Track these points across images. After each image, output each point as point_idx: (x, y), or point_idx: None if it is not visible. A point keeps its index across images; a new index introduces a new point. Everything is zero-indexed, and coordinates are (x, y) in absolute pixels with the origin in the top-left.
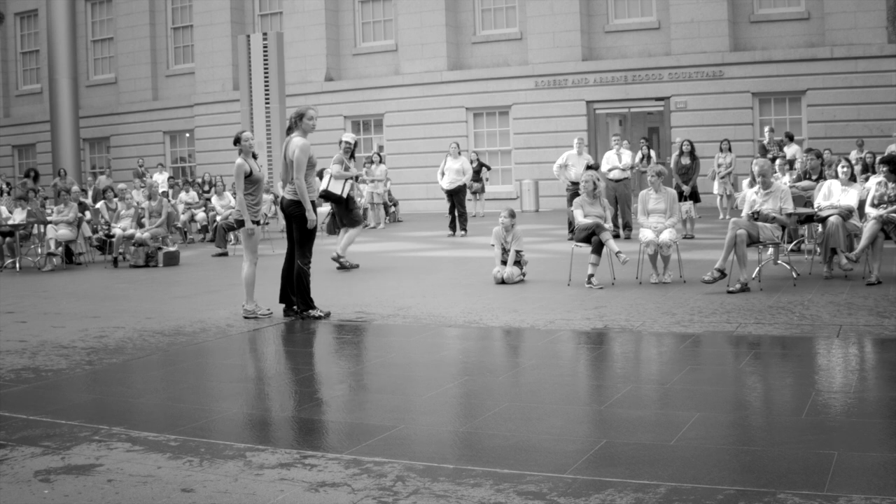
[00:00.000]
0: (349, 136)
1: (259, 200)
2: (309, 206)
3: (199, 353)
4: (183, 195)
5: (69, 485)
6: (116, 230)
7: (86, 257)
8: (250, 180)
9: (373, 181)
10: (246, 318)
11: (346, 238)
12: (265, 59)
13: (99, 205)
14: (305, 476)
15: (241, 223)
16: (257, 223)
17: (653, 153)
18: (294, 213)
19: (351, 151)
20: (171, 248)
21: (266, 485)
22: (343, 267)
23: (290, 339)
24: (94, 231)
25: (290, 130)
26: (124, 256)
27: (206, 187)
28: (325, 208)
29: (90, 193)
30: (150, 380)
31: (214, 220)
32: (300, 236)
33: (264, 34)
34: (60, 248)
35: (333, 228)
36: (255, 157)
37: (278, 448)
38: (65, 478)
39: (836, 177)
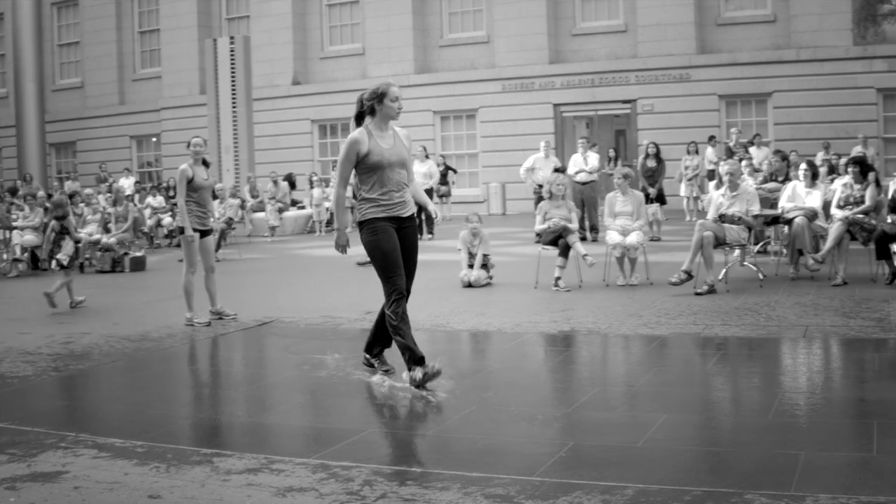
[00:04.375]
0: None
1: (206, 208)
2: (340, 228)
3: (166, 359)
4: (150, 200)
5: (35, 492)
6: (82, 235)
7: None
8: (192, 187)
9: None
10: (187, 325)
11: None
12: (232, 63)
13: None
14: (273, 481)
15: (182, 230)
16: (206, 232)
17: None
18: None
19: None
20: (138, 254)
21: (233, 490)
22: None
23: (257, 345)
24: None
25: (360, 119)
26: (90, 262)
27: (173, 192)
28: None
29: None
30: (117, 386)
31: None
32: (374, 265)
33: (231, 38)
34: (26, 254)
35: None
36: (206, 164)
37: (245, 453)
38: (31, 485)
39: (800, 179)
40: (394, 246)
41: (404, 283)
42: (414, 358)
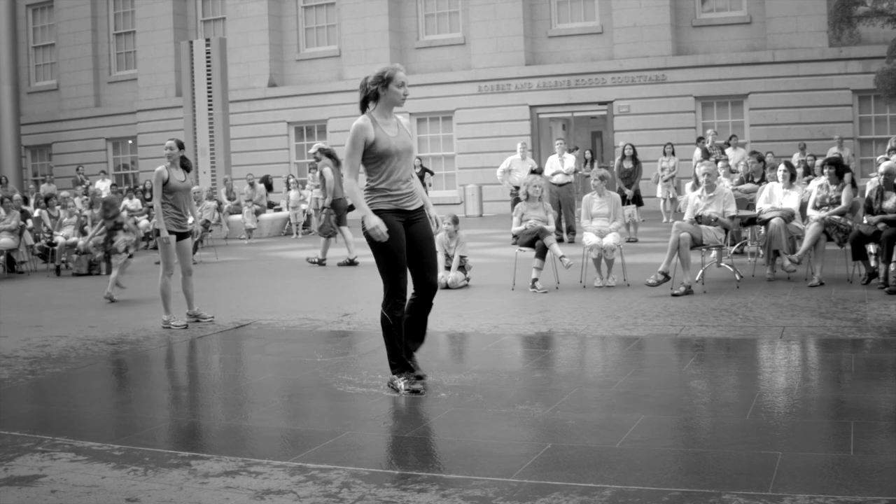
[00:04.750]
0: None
1: (182, 211)
2: (367, 212)
3: (143, 362)
4: (126, 202)
5: (12, 496)
6: (59, 238)
7: (28, 266)
8: (167, 189)
9: (317, 187)
10: (163, 328)
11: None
12: (208, 65)
13: (37, 212)
14: (251, 484)
15: (160, 232)
16: (183, 234)
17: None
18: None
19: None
20: None
21: (211, 493)
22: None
23: (235, 347)
24: (37, 239)
25: (364, 105)
26: (67, 265)
27: (150, 195)
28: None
29: (32, 201)
30: (94, 389)
31: (157, 228)
32: (377, 262)
33: (207, 40)
34: (2, 257)
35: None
36: (185, 166)
37: (223, 456)
38: (7, 489)
39: (777, 180)
40: (399, 245)
41: (406, 283)
42: (398, 366)
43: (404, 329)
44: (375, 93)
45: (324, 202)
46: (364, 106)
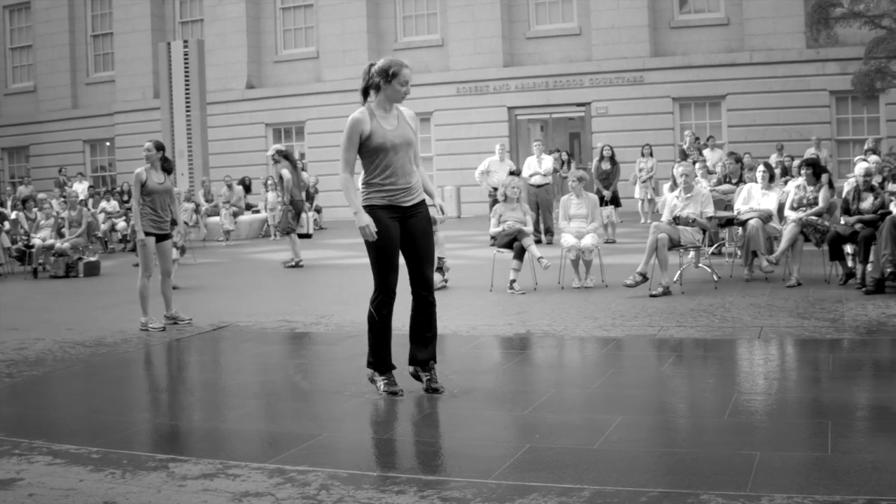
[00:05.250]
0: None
1: (161, 213)
2: (358, 209)
3: (121, 364)
4: (104, 204)
5: None
6: (36, 240)
7: (5, 268)
8: (146, 190)
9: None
10: (141, 330)
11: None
12: (186, 67)
13: (14, 214)
14: (229, 486)
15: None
16: (163, 236)
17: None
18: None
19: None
20: (92, 259)
21: (189, 496)
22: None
23: (213, 349)
24: (14, 241)
25: (366, 93)
26: (44, 267)
27: (127, 196)
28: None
29: (9, 203)
30: (72, 392)
31: (135, 230)
32: (369, 258)
33: (185, 42)
34: None
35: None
36: (166, 168)
37: (201, 459)
38: None
39: (756, 181)
40: (391, 242)
41: (396, 282)
42: (380, 366)
43: (410, 337)
44: (377, 84)
45: (280, 200)
46: (366, 94)
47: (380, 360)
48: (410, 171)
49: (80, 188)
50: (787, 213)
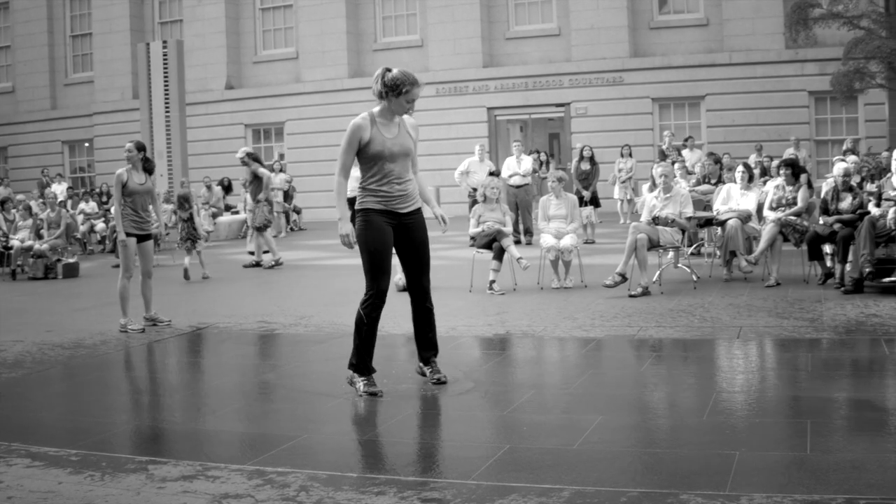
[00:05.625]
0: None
1: (142, 213)
2: (344, 217)
3: (100, 366)
4: (82, 205)
5: None
6: (14, 242)
7: None
8: (126, 191)
9: (273, 189)
10: (120, 331)
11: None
12: (165, 68)
13: None
14: (208, 488)
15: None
16: (144, 237)
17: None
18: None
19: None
20: (71, 260)
21: (169, 498)
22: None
23: (192, 350)
24: None
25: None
26: (23, 269)
27: (106, 198)
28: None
29: None
30: (51, 394)
31: (114, 231)
32: (362, 260)
33: (164, 42)
34: None
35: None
36: (147, 169)
37: (181, 460)
38: None
39: (735, 181)
40: (383, 245)
41: (388, 286)
42: (361, 368)
43: (415, 339)
44: (385, 94)
45: (263, 196)
46: (381, 96)
47: (362, 362)
48: (407, 179)
49: (59, 189)
50: (766, 213)
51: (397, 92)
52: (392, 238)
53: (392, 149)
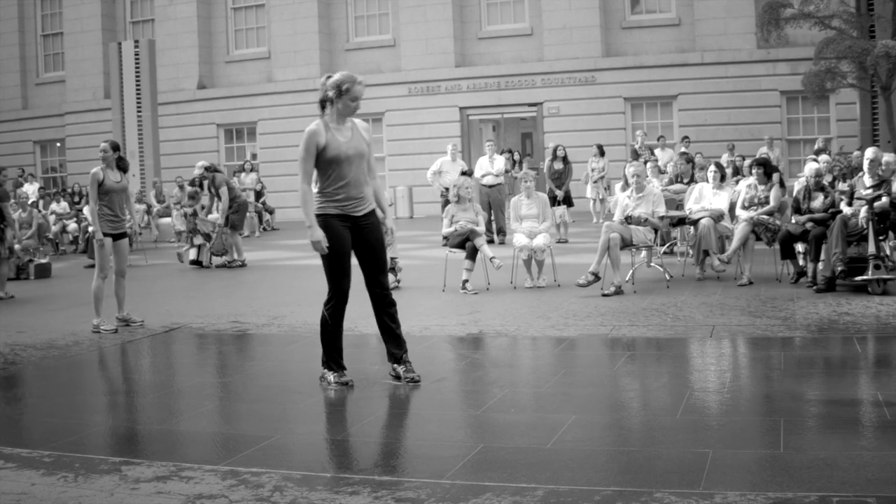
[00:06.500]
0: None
1: (118, 213)
2: (313, 224)
3: (73, 367)
4: (54, 206)
5: None
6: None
7: None
8: (103, 190)
9: (244, 190)
10: (93, 332)
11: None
12: (137, 67)
13: None
14: (182, 489)
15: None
16: (119, 236)
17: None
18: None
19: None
20: (43, 260)
21: (142, 499)
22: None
23: (165, 351)
24: None
25: (323, 105)
26: None
27: (78, 198)
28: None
29: None
30: (23, 395)
31: (86, 231)
32: (323, 264)
33: (136, 42)
34: None
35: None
36: (122, 167)
37: (154, 461)
38: None
39: (707, 180)
40: (343, 249)
41: (349, 287)
42: (332, 365)
43: (383, 338)
44: (331, 98)
45: (220, 218)
46: (323, 105)
47: (333, 360)
48: (363, 182)
49: (31, 189)
50: (739, 212)
51: (339, 92)
52: (350, 241)
53: (347, 152)
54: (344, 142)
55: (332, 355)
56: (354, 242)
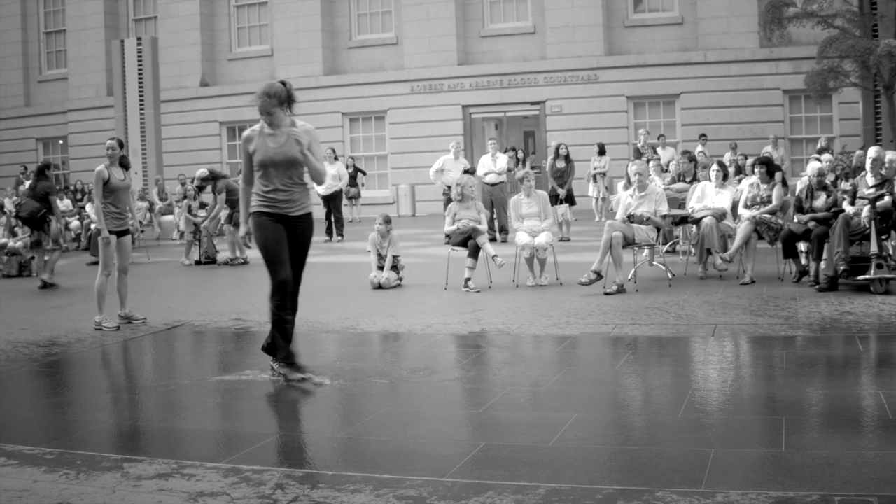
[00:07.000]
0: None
1: (122, 210)
2: (242, 221)
3: (75, 364)
4: (57, 203)
5: None
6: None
7: None
8: (108, 188)
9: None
10: (96, 329)
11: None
12: (139, 65)
13: None
14: (184, 486)
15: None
16: (123, 233)
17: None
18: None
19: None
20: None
21: (144, 496)
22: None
23: (167, 349)
24: None
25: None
26: None
27: (80, 195)
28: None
29: None
30: (25, 392)
31: (89, 229)
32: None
33: (139, 39)
34: None
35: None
36: (124, 165)
37: (156, 459)
38: None
39: (710, 179)
40: (276, 239)
41: (288, 276)
42: (286, 358)
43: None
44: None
45: (212, 225)
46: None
47: (282, 350)
48: (293, 186)
49: None
50: (741, 211)
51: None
52: (284, 233)
53: (274, 158)
54: (274, 147)
55: (283, 346)
56: (289, 241)
